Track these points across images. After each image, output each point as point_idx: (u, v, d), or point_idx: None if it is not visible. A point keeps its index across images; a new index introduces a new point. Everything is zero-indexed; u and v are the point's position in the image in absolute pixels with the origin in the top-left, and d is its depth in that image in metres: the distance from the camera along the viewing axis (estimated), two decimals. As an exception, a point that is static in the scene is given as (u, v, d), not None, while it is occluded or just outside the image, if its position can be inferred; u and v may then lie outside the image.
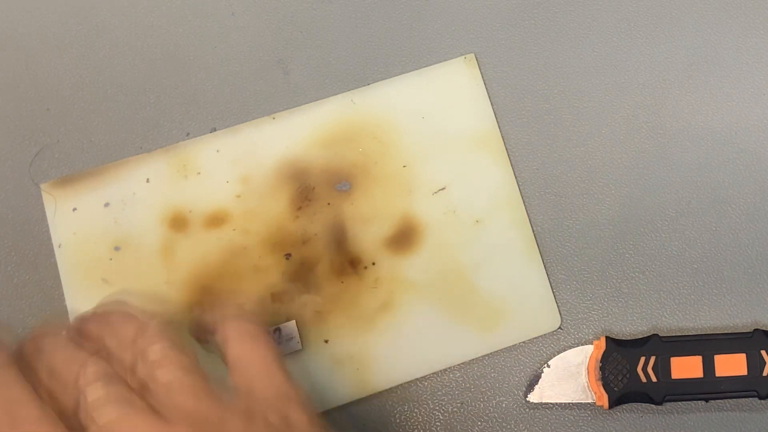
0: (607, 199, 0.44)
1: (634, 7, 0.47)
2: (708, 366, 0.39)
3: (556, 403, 0.41)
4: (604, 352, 0.40)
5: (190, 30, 0.47)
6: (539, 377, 0.41)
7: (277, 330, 0.41)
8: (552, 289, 0.43)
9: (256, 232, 0.43)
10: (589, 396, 0.40)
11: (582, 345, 0.41)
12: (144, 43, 0.46)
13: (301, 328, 0.42)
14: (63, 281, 0.42)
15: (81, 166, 0.44)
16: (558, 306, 0.43)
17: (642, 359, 0.40)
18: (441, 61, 0.46)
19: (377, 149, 0.44)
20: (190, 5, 0.47)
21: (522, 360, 0.42)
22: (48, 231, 0.43)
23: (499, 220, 0.44)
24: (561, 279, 0.43)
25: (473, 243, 0.43)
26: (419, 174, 0.44)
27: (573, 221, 0.44)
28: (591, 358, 0.40)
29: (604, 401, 0.40)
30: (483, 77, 0.46)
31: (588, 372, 0.40)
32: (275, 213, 0.43)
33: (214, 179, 0.44)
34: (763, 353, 0.40)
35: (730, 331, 0.42)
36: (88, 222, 0.43)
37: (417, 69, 0.46)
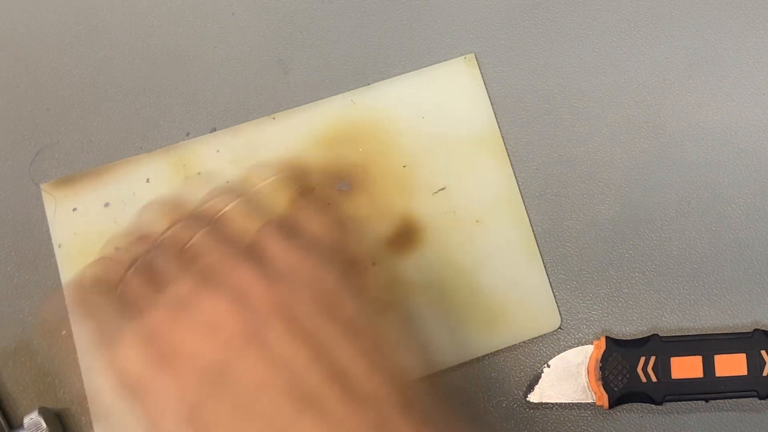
0: (607, 199, 0.44)
1: (634, 7, 0.47)
2: (708, 366, 0.39)
3: (556, 403, 0.41)
4: (604, 352, 0.40)
5: (190, 30, 0.47)
6: (539, 377, 0.41)
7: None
8: (552, 289, 0.43)
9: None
10: (589, 396, 0.40)
11: (582, 345, 0.41)
12: (144, 43, 0.46)
13: (301, 328, 0.42)
14: (63, 281, 0.42)
15: (81, 166, 0.44)
16: (558, 306, 0.43)
17: (642, 359, 0.40)
18: (441, 61, 0.46)
19: (377, 149, 0.44)
20: (190, 5, 0.47)
21: (522, 360, 0.42)
22: (48, 231, 0.43)
23: (499, 220, 0.44)
24: (561, 279, 0.43)
25: (473, 243, 0.43)
26: (419, 174, 0.44)
27: (573, 221, 0.44)
28: (591, 358, 0.40)
29: (604, 401, 0.40)
30: (483, 77, 0.46)
31: (588, 372, 0.40)
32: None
33: (214, 179, 0.44)
34: (763, 353, 0.40)
35: (730, 331, 0.42)
36: (88, 222, 0.43)
37: (417, 69, 0.46)
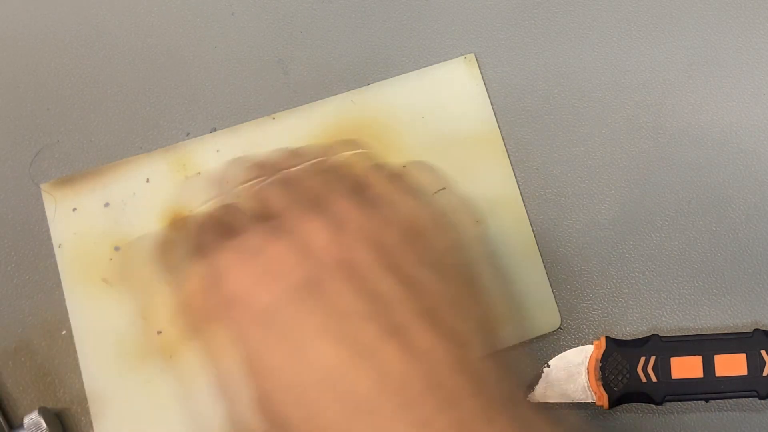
0: (607, 199, 0.44)
1: (634, 7, 0.47)
2: (708, 366, 0.39)
3: (556, 403, 0.41)
4: (604, 352, 0.40)
5: (190, 30, 0.47)
6: (539, 377, 0.41)
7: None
8: (552, 289, 0.43)
9: (256, 232, 0.43)
10: (589, 396, 0.40)
11: (582, 345, 0.41)
12: (144, 43, 0.46)
13: (301, 328, 0.42)
14: (63, 281, 0.42)
15: (81, 166, 0.44)
16: (558, 306, 0.43)
17: (642, 359, 0.40)
18: (441, 61, 0.46)
19: (377, 149, 0.44)
20: (190, 5, 0.47)
21: (522, 360, 0.42)
22: (48, 231, 0.43)
23: (499, 220, 0.44)
24: (561, 279, 0.43)
25: (473, 243, 0.43)
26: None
27: (573, 221, 0.44)
28: (591, 358, 0.40)
29: (604, 401, 0.40)
30: (483, 77, 0.46)
31: (588, 372, 0.40)
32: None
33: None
34: (763, 353, 0.40)
35: (730, 331, 0.42)
36: (88, 222, 0.43)
37: (417, 69, 0.46)
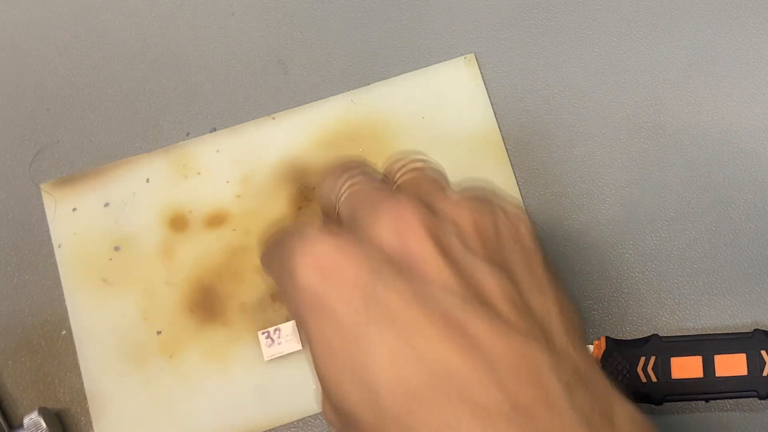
0: (607, 199, 0.44)
1: (634, 7, 0.47)
2: (708, 366, 0.39)
3: (556, 403, 0.41)
4: (604, 352, 0.40)
5: (190, 30, 0.47)
6: (539, 377, 0.41)
7: (277, 330, 0.41)
8: (552, 289, 0.43)
9: (256, 232, 0.43)
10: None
11: (582, 345, 0.41)
12: (144, 43, 0.46)
13: (301, 328, 0.42)
14: (63, 281, 0.42)
15: (81, 166, 0.44)
16: (558, 306, 0.43)
17: (642, 359, 0.40)
18: (441, 61, 0.46)
19: (377, 149, 0.44)
20: (190, 5, 0.47)
21: (522, 360, 0.42)
22: (48, 231, 0.43)
23: (499, 220, 0.44)
24: (561, 279, 0.43)
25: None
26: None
27: (573, 221, 0.44)
28: (591, 358, 0.40)
29: (604, 401, 0.39)
30: (483, 77, 0.46)
31: (588, 372, 0.40)
32: (275, 213, 0.43)
33: (214, 179, 0.44)
34: (763, 353, 0.39)
35: (730, 331, 0.42)
36: (88, 222, 0.43)
37: (417, 69, 0.46)
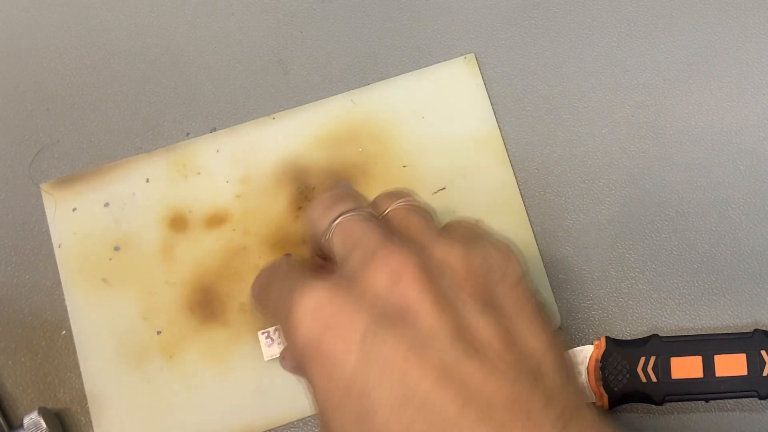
0: (607, 199, 0.44)
1: (634, 7, 0.47)
2: (708, 366, 0.39)
3: (556, 403, 0.41)
4: (604, 352, 0.40)
5: (190, 30, 0.47)
6: (539, 377, 0.41)
7: (277, 330, 0.41)
8: (552, 289, 0.43)
9: (256, 232, 0.43)
10: (589, 396, 0.40)
11: (582, 345, 0.41)
12: (144, 43, 0.46)
13: (301, 328, 0.42)
14: (63, 281, 0.42)
15: (81, 166, 0.44)
16: (558, 306, 0.43)
17: (642, 359, 0.40)
18: (441, 61, 0.46)
19: (377, 149, 0.44)
20: (190, 5, 0.47)
21: (522, 360, 0.42)
22: (48, 231, 0.43)
23: (499, 220, 0.44)
24: (561, 279, 0.43)
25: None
26: (419, 174, 0.44)
27: (573, 221, 0.44)
28: (591, 358, 0.40)
29: (604, 401, 0.40)
30: (483, 77, 0.46)
31: (588, 372, 0.40)
32: (275, 213, 0.43)
33: (214, 179, 0.44)
34: (763, 353, 0.40)
35: (730, 331, 0.42)
36: (88, 222, 0.43)
37: (417, 69, 0.46)
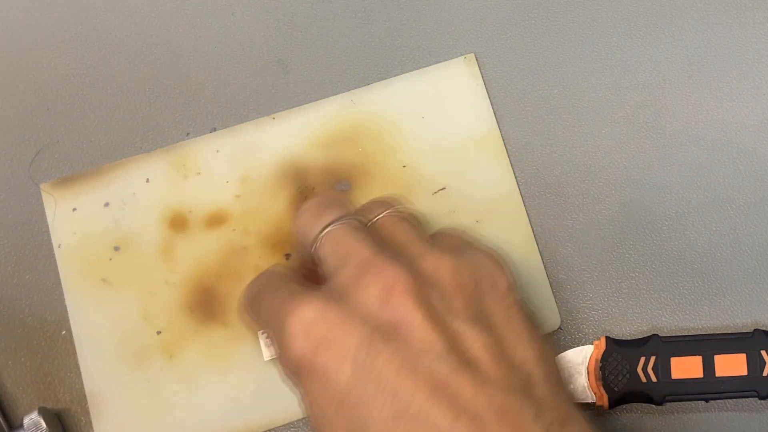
0: (607, 199, 0.44)
1: (634, 7, 0.47)
2: (708, 366, 0.39)
3: (556, 403, 0.41)
4: (604, 352, 0.40)
5: (190, 30, 0.47)
6: (539, 377, 0.41)
7: (277, 330, 0.41)
8: (552, 289, 0.43)
9: (256, 232, 0.43)
10: (589, 396, 0.40)
11: (582, 345, 0.41)
12: (144, 43, 0.46)
13: (301, 328, 0.42)
14: (63, 281, 0.42)
15: (81, 166, 0.44)
16: (558, 306, 0.43)
17: (642, 359, 0.40)
18: (441, 61, 0.46)
19: (377, 149, 0.44)
20: (190, 5, 0.47)
21: (522, 360, 0.42)
22: (48, 231, 0.43)
23: (499, 220, 0.44)
24: (561, 279, 0.43)
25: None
26: (419, 174, 0.44)
27: (573, 221, 0.44)
28: (591, 358, 0.40)
29: (604, 401, 0.40)
30: (483, 77, 0.46)
31: (588, 372, 0.40)
32: (275, 213, 0.43)
33: (214, 179, 0.44)
34: (763, 353, 0.40)
35: (730, 331, 0.42)
36: (88, 222, 0.43)
37: (417, 69, 0.46)
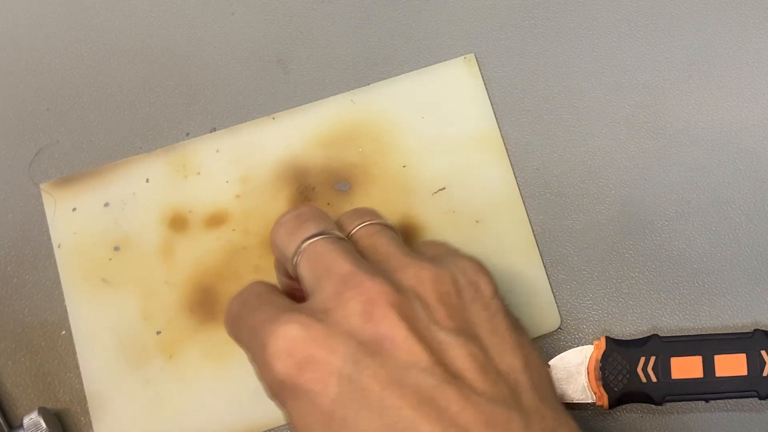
0: (607, 199, 0.44)
1: (634, 7, 0.47)
2: (708, 366, 0.39)
3: (556, 403, 0.41)
4: (604, 352, 0.40)
5: (190, 30, 0.47)
6: (539, 377, 0.41)
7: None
8: (552, 289, 0.43)
9: (256, 232, 0.43)
10: (589, 396, 0.40)
11: (582, 345, 0.41)
12: (144, 43, 0.46)
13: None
14: (63, 281, 0.42)
15: (81, 166, 0.44)
16: (558, 306, 0.43)
17: (642, 359, 0.40)
18: (441, 61, 0.46)
19: (377, 149, 0.44)
20: (190, 5, 0.47)
21: (522, 360, 0.42)
22: (48, 231, 0.43)
23: (499, 220, 0.44)
24: (561, 279, 0.43)
25: (473, 243, 0.43)
26: (419, 174, 0.44)
27: (573, 221, 0.44)
28: (591, 358, 0.40)
29: (604, 401, 0.40)
30: (483, 77, 0.46)
31: (588, 372, 0.40)
32: (275, 213, 0.43)
33: (214, 179, 0.44)
34: (763, 353, 0.40)
35: (730, 331, 0.42)
36: (88, 222, 0.43)
37: (417, 69, 0.46)
